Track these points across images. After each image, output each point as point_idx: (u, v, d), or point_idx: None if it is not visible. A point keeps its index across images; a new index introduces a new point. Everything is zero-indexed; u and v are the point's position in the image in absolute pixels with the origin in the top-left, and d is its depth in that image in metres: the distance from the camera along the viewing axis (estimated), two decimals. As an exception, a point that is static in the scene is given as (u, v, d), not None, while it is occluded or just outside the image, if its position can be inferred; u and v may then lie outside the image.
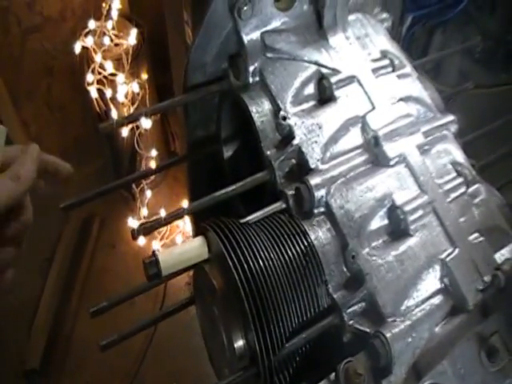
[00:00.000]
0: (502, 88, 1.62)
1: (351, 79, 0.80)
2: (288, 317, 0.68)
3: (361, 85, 0.80)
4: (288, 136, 0.76)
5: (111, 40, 1.99)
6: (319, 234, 0.72)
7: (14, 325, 2.07)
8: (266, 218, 0.75)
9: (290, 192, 0.74)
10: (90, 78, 1.97)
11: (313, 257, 0.70)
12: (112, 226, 2.54)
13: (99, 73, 1.96)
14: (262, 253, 0.68)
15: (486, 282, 0.70)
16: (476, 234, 0.74)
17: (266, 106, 0.78)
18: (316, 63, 0.80)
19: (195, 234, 0.77)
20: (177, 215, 0.73)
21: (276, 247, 0.70)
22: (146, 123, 1.96)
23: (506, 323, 0.66)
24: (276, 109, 0.78)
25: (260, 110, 0.78)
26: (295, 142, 0.75)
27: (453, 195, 0.76)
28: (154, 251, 0.68)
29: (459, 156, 0.82)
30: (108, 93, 2.01)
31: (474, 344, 0.66)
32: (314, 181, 0.72)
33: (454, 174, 0.78)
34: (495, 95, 1.59)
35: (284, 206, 0.74)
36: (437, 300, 0.71)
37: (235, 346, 0.69)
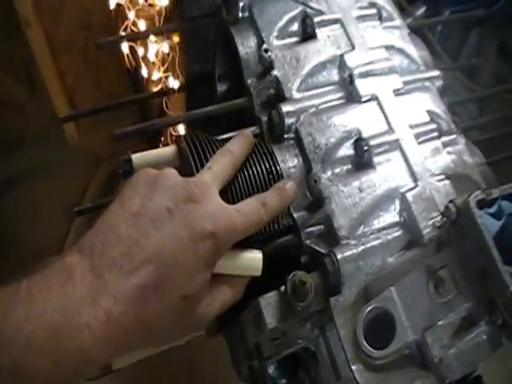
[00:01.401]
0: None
1: (334, 21, 0.84)
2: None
3: (343, 27, 0.83)
4: (268, 67, 0.80)
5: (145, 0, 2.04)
6: (286, 157, 0.76)
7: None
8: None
9: (265, 118, 0.78)
10: (122, 34, 2.02)
11: (277, 176, 0.74)
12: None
13: (132, 31, 2.01)
14: None
15: (442, 219, 0.72)
16: (442, 177, 0.76)
17: (252, 39, 0.83)
18: (303, 3, 0.84)
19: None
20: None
21: (243, 163, 0.73)
22: (174, 84, 2.00)
23: (456, 257, 0.67)
24: (260, 42, 0.82)
25: (245, 42, 0.83)
26: (274, 72, 0.79)
27: (423, 138, 0.78)
28: (129, 151, 0.73)
29: (438, 107, 0.84)
30: (140, 51, 2.06)
31: (424, 275, 0.68)
32: (286, 108, 0.76)
33: (427, 120, 0.80)
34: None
35: (258, 131, 0.79)
36: (394, 232, 0.73)
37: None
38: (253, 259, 0.68)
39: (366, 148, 0.74)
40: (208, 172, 0.67)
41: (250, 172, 0.73)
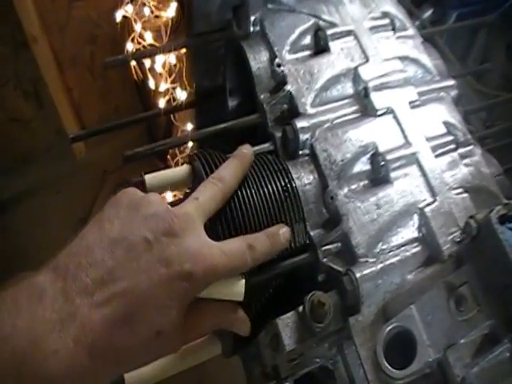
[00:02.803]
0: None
1: (347, 33, 0.83)
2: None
3: (357, 39, 0.82)
4: (281, 82, 0.79)
5: (151, 11, 2.04)
6: (301, 174, 0.74)
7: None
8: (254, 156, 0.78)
9: (279, 134, 0.77)
10: (129, 46, 2.03)
11: (292, 193, 0.72)
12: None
13: (139, 42, 2.02)
14: (242, 184, 0.71)
15: (462, 234, 0.71)
16: (460, 190, 0.75)
17: (264, 53, 0.82)
18: (315, 16, 0.83)
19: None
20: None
21: (257, 181, 0.72)
22: (182, 95, 2.00)
23: (476, 273, 0.66)
24: (272, 57, 0.81)
25: (257, 56, 0.82)
26: (287, 87, 0.78)
27: (440, 150, 0.77)
28: (142, 173, 0.72)
29: (454, 118, 0.82)
30: (146, 63, 2.06)
31: (444, 292, 0.66)
32: (300, 123, 0.75)
33: (444, 132, 0.79)
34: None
35: (272, 147, 0.77)
36: (412, 248, 0.72)
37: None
38: (235, 284, 0.64)
39: (382, 163, 0.73)
40: (193, 202, 0.63)
41: (266, 190, 0.71)
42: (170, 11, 2.03)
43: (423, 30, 0.99)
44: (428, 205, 0.73)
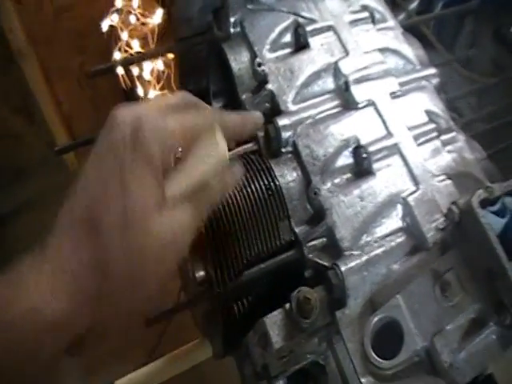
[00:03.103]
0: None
1: (327, 28, 0.83)
2: (248, 247, 0.72)
3: (336, 34, 0.83)
4: (263, 81, 0.80)
5: (137, 19, 2.05)
6: (285, 172, 0.75)
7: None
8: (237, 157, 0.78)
9: (261, 134, 0.77)
10: (117, 55, 2.04)
11: (276, 191, 0.73)
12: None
13: (126, 51, 2.03)
14: None
15: (446, 220, 0.71)
16: (443, 177, 0.75)
17: (244, 54, 0.82)
18: (294, 13, 0.83)
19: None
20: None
21: (240, 181, 0.73)
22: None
23: (461, 259, 0.66)
24: (253, 57, 0.81)
25: (238, 57, 0.82)
26: (268, 86, 0.79)
27: (422, 139, 0.77)
28: None
29: (436, 106, 0.83)
30: (134, 71, 2.07)
31: (429, 279, 0.67)
32: (281, 121, 0.75)
33: (426, 120, 0.80)
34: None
35: (255, 147, 0.78)
36: (397, 238, 0.72)
37: (196, 275, 0.73)
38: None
39: (365, 155, 0.73)
40: None
41: (249, 190, 0.72)
42: (156, 18, 2.05)
43: (408, 20, 0.99)
44: (411, 194, 0.73)
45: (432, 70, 0.86)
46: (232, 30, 0.84)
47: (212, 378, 1.75)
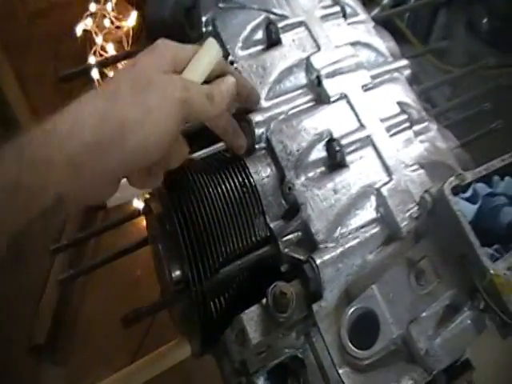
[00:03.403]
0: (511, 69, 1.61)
1: (298, 24, 0.84)
2: (223, 244, 0.72)
3: (308, 29, 0.83)
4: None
5: (112, 22, 2.05)
6: (259, 168, 0.75)
7: (22, 301, 2.13)
8: (211, 155, 0.78)
9: (234, 131, 0.77)
10: (92, 60, 2.03)
11: (250, 188, 0.73)
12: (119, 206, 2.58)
13: (101, 55, 2.02)
14: (198, 183, 0.72)
15: (419, 209, 0.72)
16: (416, 167, 0.76)
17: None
18: (265, 10, 0.84)
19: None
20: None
21: (214, 179, 0.73)
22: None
23: (435, 246, 0.66)
24: (226, 55, 0.81)
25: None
26: (241, 83, 0.78)
27: (394, 130, 0.78)
28: None
29: (408, 97, 0.83)
30: (110, 74, 2.06)
31: (404, 268, 0.67)
32: (255, 118, 0.76)
33: (398, 111, 0.80)
34: (505, 76, 1.58)
35: (229, 145, 0.78)
36: (372, 229, 0.72)
37: (173, 275, 0.73)
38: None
39: (337, 148, 0.73)
40: None
41: (224, 187, 0.72)
42: (131, 20, 2.04)
43: (382, 13, 1.00)
44: (384, 184, 0.73)
45: (403, 62, 0.86)
46: (204, 29, 0.84)
47: (197, 376, 1.75)
